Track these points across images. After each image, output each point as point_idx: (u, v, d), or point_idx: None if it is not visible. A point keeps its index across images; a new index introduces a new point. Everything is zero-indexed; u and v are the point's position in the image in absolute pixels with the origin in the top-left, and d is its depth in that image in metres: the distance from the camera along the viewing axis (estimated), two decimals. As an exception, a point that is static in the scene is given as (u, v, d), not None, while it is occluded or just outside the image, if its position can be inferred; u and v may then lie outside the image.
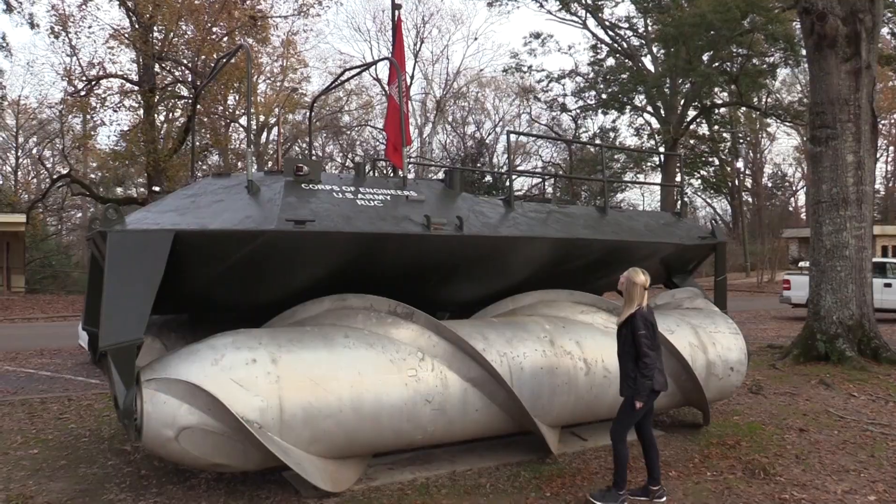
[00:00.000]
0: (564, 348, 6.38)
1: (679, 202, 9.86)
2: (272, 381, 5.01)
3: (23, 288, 31.01)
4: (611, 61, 38.85)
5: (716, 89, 35.32)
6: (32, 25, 28.11)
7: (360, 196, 5.82)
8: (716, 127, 41.27)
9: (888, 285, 18.53)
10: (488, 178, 36.82)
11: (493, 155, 44.89)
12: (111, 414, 8.18)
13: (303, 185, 5.64)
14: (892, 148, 52.21)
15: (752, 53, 31.08)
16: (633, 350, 5.35)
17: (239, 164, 34.87)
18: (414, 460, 6.31)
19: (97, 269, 5.74)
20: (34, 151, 44.78)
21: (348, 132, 44.20)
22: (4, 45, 30.73)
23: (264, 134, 39.46)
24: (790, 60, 31.31)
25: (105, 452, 6.71)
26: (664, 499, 5.44)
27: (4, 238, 29.80)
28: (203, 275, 5.40)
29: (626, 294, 5.47)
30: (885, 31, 25.29)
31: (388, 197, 5.96)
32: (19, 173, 45.85)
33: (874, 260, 13.50)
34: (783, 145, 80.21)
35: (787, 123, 37.82)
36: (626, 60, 38.09)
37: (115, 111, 28.13)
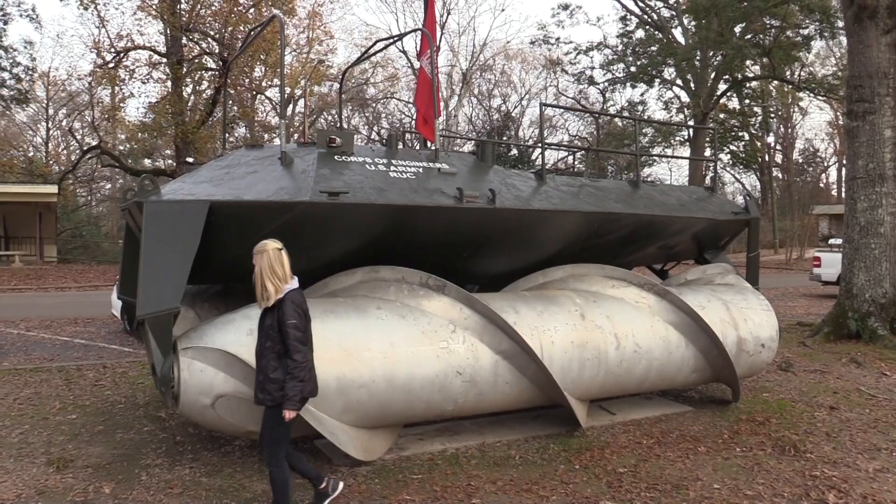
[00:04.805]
0: (595, 322, 6.37)
1: (712, 177, 9.71)
2: (306, 350, 5.05)
3: (55, 258, 31.62)
4: (640, 33, 38.17)
5: (748, 62, 34.55)
6: (61, -3, 28.26)
7: (392, 168, 5.81)
8: (747, 101, 40.55)
9: None
10: (514, 151, 36.61)
11: (519, 128, 44.59)
12: (145, 381, 8.34)
13: (336, 157, 5.64)
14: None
15: (785, 25, 30.31)
16: (278, 345, 4.29)
17: (266, 135, 35.01)
18: (443, 431, 6.37)
19: (132, 238, 5.82)
20: (64, 123, 45.39)
21: (374, 105, 44.11)
22: (34, 17, 31.03)
23: (290, 106, 39.49)
24: (825, 32, 30.49)
25: (141, 419, 6.85)
26: (340, 486, 4.78)
27: (37, 209, 30.33)
28: (237, 245, 5.44)
29: (269, 270, 4.30)
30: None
31: (421, 169, 5.95)
32: (50, 145, 46.53)
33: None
34: (815, 120, 78.30)
35: (821, 97, 36.97)
36: (656, 32, 37.40)
37: (144, 83, 28.54)
